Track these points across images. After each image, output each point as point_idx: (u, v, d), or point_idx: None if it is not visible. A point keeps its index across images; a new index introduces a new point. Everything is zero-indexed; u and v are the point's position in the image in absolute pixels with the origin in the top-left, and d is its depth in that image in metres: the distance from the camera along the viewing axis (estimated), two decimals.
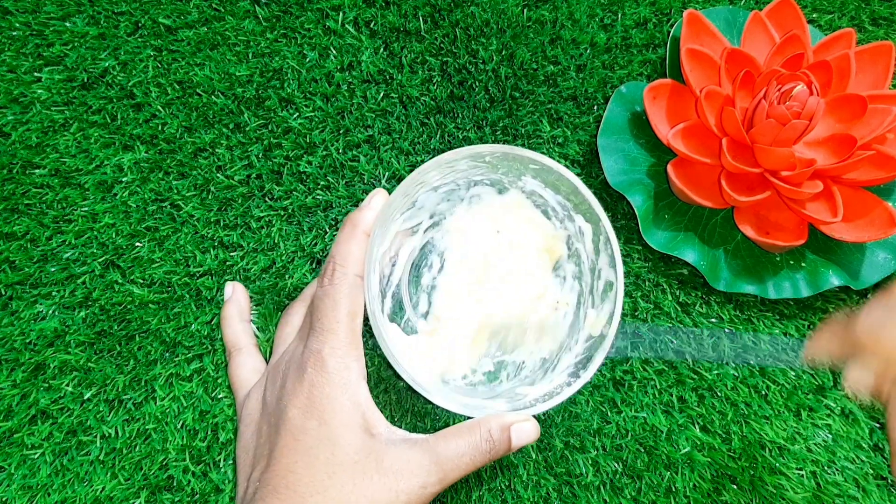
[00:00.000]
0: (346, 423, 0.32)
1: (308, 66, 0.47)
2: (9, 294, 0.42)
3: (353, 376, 0.33)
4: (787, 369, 0.44)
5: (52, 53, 0.46)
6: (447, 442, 0.32)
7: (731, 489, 0.42)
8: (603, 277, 0.39)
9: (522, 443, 0.34)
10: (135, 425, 0.41)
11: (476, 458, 0.32)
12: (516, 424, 0.33)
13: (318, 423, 0.31)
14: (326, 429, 0.31)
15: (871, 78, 0.44)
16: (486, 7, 0.49)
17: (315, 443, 0.31)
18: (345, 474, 0.30)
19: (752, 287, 0.44)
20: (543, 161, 0.38)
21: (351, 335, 0.34)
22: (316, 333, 0.33)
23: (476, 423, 0.33)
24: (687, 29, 0.44)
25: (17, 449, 0.40)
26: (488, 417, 0.34)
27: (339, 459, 0.31)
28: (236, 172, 0.45)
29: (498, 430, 0.33)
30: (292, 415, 0.32)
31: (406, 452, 0.31)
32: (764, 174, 0.43)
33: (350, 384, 0.33)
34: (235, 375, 0.40)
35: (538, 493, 0.42)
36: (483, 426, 0.33)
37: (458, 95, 0.48)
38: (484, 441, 0.32)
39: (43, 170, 0.44)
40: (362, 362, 0.34)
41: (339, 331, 0.33)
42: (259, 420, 0.35)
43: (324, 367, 0.32)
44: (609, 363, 0.44)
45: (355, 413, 0.32)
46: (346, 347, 0.33)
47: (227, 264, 0.44)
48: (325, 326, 0.33)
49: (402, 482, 0.31)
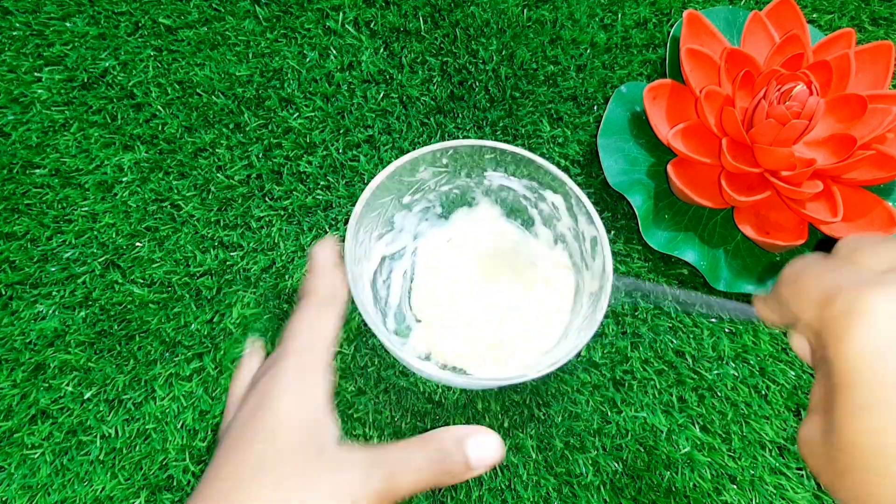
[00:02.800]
0: (292, 424, 0.30)
1: (308, 66, 0.47)
2: (9, 294, 0.42)
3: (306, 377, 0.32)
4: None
5: (53, 53, 0.46)
6: (398, 449, 0.31)
7: (731, 489, 0.42)
8: (587, 238, 0.39)
9: (483, 457, 0.30)
10: (135, 425, 0.41)
11: (431, 468, 0.30)
12: (473, 437, 0.32)
13: (262, 426, 0.30)
14: (272, 433, 0.30)
15: (871, 78, 0.44)
16: (486, 7, 0.49)
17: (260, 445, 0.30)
18: (284, 468, 0.29)
19: (752, 287, 0.44)
20: (494, 145, 0.38)
21: (311, 346, 0.33)
22: (277, 349, 0.33)
23: (429, 434, 0.32)
24: (687, 29, 0.44)
25: (17, 449, 0.40)
26: (442, 430, 0.32)
27: (290, 460, 0.29)
28: (236, 172, 0.45)
29: (452, 441, 0.31)
30: (238, 419, 0.31)
31: (355, 451, 0.30)
32: (764, 174, 0.43)
33: (298, 384, 0.32)
34: (233, 388, 0.39)
35: (538, 493, 0.42)
36: (436, 436, 0.31)
37: (459, 95, 0.48)
38: (435, 451, 0.31)
39: (43, 170, 0.44)
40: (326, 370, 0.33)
41: (297, 339, 0.32)
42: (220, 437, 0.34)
43: (274, 371, 0.32)
44: (609, 363, 0.44)
45: (301, 413, 0.31)
46: (306, 353, 0.32)
47: (227, 264, 0.44)
48: (285, 339, 0.33)
49: (349, 478, 0.29)
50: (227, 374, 0.42)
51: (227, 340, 0.43)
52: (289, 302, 0.44)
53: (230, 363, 0.42)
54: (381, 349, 0.43)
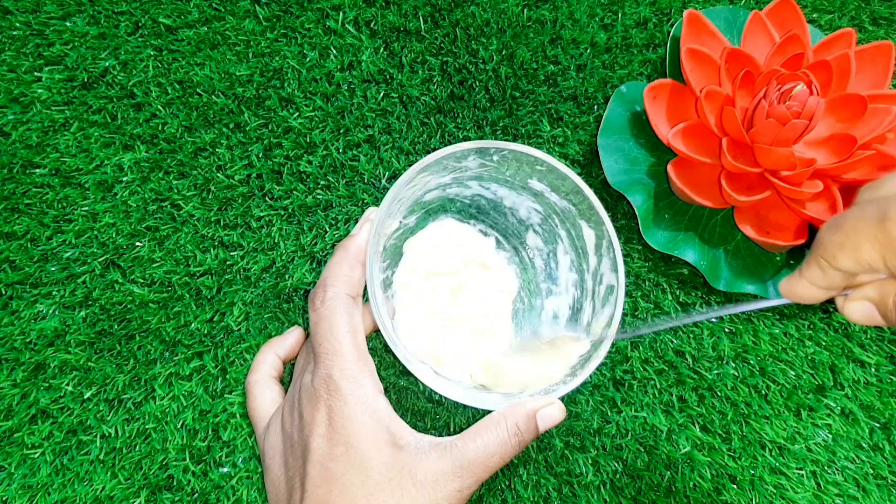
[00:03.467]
0: (372, 441, 0.31)
1: (308, 65, 0.47)
2: (9, 294, 0.42)
3: (370, 392, 0.32)
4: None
5: (53, 53, 0.46)
6: (475, 442, 0.32)
7: (731, 489, 0.42)
8: (604, 282, 0.39)
9: (549, 427, 0.33)
10: (135, 425, 0.41)
11: (506, 452, 0.32)
12: (542, 410, 0.33)
13: (345, 448, 0.31)
14: (355, 452, 0.31)
15: (871, 78, 0.44)
16: (486, 7, 0.49)
17: (346, 469, 0.30)
18: (382, 494, 0.30)
19: (753, 287, 0.44)
20: (550, 161, 0.37)
21: (356, 352, 0.33)
22: (321, 358, 0.33)
23: (501, 416, 0.33)
24: (687, 29, 0.44)
25: (18, 448, 0.40)
26: (512, 408, 0.33)
27: (374, 480, 0.30)
28: (236, 172, 0.45)
29: (524, 419, 0.33)
30: (316, 444, 0.31)
31: (438, 462, 0.31)
32: (764, 174, 0.43)
33: (368, 400, 0.32)
34: (253, 408, 0.39)
35: (538, 492, 0.42)
36: (509, 419, 0.32)
37: (459, 95, 0.48)
38: (512, 435, 0.32)
39: (43, 169, 0.44)
40: (375, 377, 0.33)
41: (343, 351, 0.32)
42: (283, 451, 0.34)
43: (337, 390, 0.32)
44: (609, 363, 0.44)
45: (379, 429, 0.31)
46: (355, 365, 0.32)
47: (227, 264, 0.44)
48: (329, 349, 0.33)
49: (440, 491, 0.30)
50: (231, 369, 0.42)
51: (229, 338, 0.43)
52: (289, 301, 0.44)
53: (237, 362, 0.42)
54: (381, 349, 0.43)
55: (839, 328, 0.46)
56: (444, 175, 0.40)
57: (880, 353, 0.46)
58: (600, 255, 0.39)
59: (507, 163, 0.39)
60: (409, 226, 0.42)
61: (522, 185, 0.41)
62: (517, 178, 0.40)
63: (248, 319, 0.43)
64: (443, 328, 0.41)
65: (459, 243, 0.43)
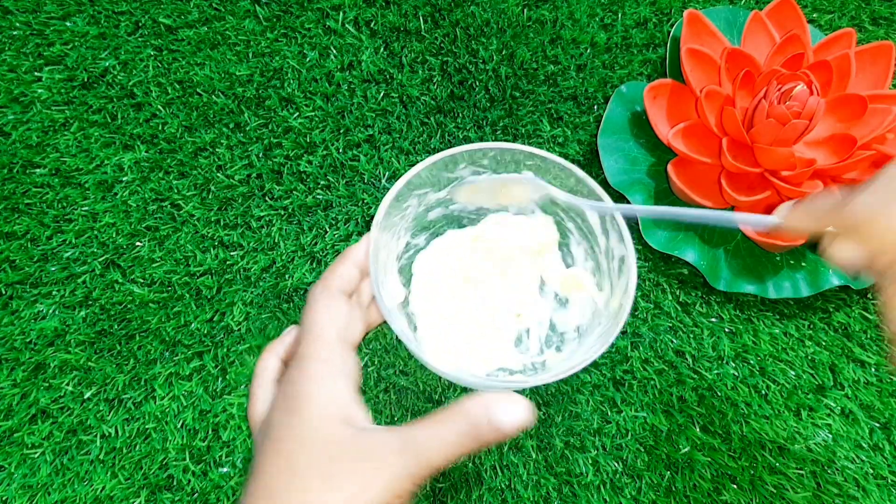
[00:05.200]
0: (324, 415, 0.32)
1: (308, 65, 0.47)
2: (9, 293, 0.42)
3: (332, 370, 0.33)
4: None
5: (53, 53, 0.46)
6: (426, 427, 0.32)
7: (731, 489, 0.42)
8: (616, 256, 0.39)
9: (513, 422, 0.32)
10: (135, 425, 0.41)
11: (461, 441, 0.32)
12: (498, 405, 0.33)
13: (299, 420, 0.31)
14: (307, 425, 0.31)
15: (871, 78, 0.44)
16: (486, 7, 0.49)
17: (297, 441, 0.31)
18: (329, 467, 0.31)
19: (753, 287, 0.44)
20: (542, 154, 0.37)
21: (333, 338, 0.34)
22: (300, 342, 0.34)
23: (455, 406, 0.33)
24: (687, 29, 0.44)
25: (18, 448, 0.40)
26: (468, 400, 0.33)
27: (324, 454, 0.31)
28: (236, 172, 0.45)
29: (479, 411, 0.32)
30: (274, 417, 0.32)
31: (385, 436, 0.31)
32: (764, 174, 0.43)
33: (326, 378, 0.33)
34: (253, 412, 0.40)
35: (538, 492, 0.42)
36: (463, 408, 0.32)
37: (459, 95, 0.48)
38: (464, 423, 0.32)
39: (43, 169, 0.44)
40: (350, 364, 0.34)
41: (321, 334, 0.33)
42: (256, 436, 0.35)
43: (301, 365, 0.33)
44: (609, 363, 0.44)
45: (332, 405, 0.32)
46: (329, 347, 0.33)
47: (227, 264, 0.44)
48: (308, 331, 0.34)
49: (387, 469, 0.31)
50: (231, 369, 0.42)
51: (229, 338, 0.43)
52: (289, 301, 0.44)
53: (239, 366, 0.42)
54: (381, 350, 0.43)
55: (839, 328, 0.46)
56: (440, 191, 0.40)
57: (880, 353, 0.46)
58: (606, 231, 0.39)
59: (500, 164, 0.39)
60: (419, 246, 0.43)
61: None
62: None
63: (248, 319, 0.43)
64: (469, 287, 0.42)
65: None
